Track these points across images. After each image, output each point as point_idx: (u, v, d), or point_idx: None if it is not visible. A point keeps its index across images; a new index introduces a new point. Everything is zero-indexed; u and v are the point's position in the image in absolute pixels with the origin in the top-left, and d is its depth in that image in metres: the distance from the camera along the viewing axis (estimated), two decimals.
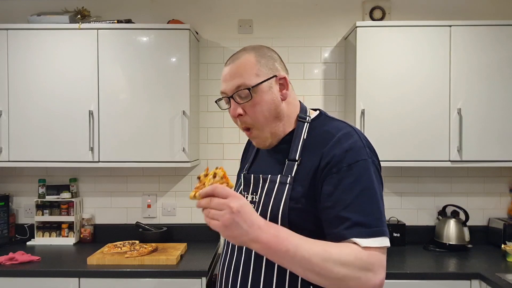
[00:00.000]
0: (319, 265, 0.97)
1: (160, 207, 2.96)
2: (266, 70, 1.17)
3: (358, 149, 1.09)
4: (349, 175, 1.06)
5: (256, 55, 1.18)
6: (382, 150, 2.53)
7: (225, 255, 1.26)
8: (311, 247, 0.98)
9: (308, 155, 1.14)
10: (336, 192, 1.05)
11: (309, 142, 1.16)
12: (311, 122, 1.22)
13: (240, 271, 1.17)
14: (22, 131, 2.58)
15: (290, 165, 1.15)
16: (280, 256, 0.98)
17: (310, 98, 2.92)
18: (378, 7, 2.87)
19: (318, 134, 1.17)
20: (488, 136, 2.53)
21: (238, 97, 1.15)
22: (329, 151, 1.09)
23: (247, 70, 1.15)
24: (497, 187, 2.91)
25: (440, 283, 2.23)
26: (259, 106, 1.15)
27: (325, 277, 0.98)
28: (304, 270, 0.99)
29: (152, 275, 2.28)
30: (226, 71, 1.19)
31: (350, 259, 0.98)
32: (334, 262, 0.97)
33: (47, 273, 2.28)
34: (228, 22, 2.95)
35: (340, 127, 1.16)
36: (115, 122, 2.58)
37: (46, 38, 2.58)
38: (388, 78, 2.55)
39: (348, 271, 0.97)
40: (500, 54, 2.53)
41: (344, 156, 1.07)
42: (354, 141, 1.10)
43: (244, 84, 1.14)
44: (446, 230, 2.68)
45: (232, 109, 1.17)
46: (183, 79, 2.58)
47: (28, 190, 2.95)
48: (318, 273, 0.98)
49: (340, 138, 1.11)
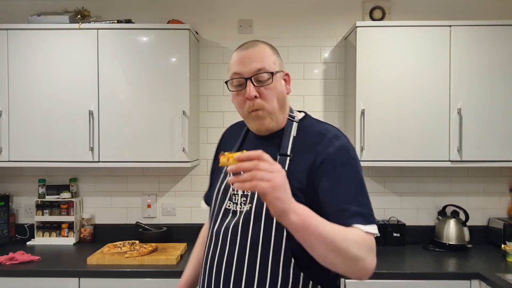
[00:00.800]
0: (340, 244, 1.02)
1: (160, 207, 2.96)
2: (279, 63, 1.27)
3: (348, 149, 1.20)
4: (344, 172, 1.16)
5: (270, 48, 1.27)
6: (382, 150, 2.55)
7: (214, 248, 1.26)
8: (333, 226, 1.04)
9: (300, 152, 1.21)
10: (334, 186, 1.14)
11: (300, 141, 1.24)
12: (299, 122, 1.30)
13: (234, 264, 1.19)
14: (22, 131, 2.58)
15: (282, 160, 1.21)
16: (310, 232, 1.00)
17: (310, 98, 2.92)
18: (378, 7, 2.87)
19: (309, 134, 1.25)
20: (488, 136, 2.53)
21: (256, 80, 1.21)
22: (323, 150, 1.18)
23: (267, 57, 1.23)
24: (497, 187, 2.91)
25: (440, 283, 2.23)
26: (274, 91, 1.22)
27: (342, 256, 1.03)
28: (327, 247, 1.01)
29: (152, 275, 2.28)
30: (243, 53, 1.23)
31: (360, 241, 1.06)
32: (351, 242, 1.04)
33: (47, 273, 2.28)
34: (228, 22, 2.95)
35: (328, 128, 1.26)
36: (115, 122, 2.58)
37: (46, 38, 2.58)
38: (388, 78, 2.55)
39: (360, 251, 1.05)
40: (500, 54, 2.53)
41: (337, 154, 1.17)
42: (343, 141, 1.21)
43: (265, 68, 1.21)
44: (446, 230, 2.68)
45: (250, 90, 1.20)
46: (183, 79, 2.58)
47: (28, 190, 2.96)
48: (338, 252, 1.02)
49: (331, 139, 1.20)
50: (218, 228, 1.26)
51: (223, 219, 1.26)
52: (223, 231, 1.24)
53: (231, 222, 1.23)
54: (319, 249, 1.03)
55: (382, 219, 2.87)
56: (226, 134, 1.47)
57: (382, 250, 2.64)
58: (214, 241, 1.27)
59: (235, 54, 1.26)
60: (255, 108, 1.22)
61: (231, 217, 1.25)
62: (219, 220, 1.27)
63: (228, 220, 1.25)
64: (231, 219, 1.24)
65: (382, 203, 2.92)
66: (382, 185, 2.92)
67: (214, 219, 1.30)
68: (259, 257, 1.16)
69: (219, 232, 1.25)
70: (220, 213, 1.28)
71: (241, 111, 1.27)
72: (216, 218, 1.29)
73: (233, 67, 1.24)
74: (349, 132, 2.73)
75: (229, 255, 1.20)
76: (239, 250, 1.19)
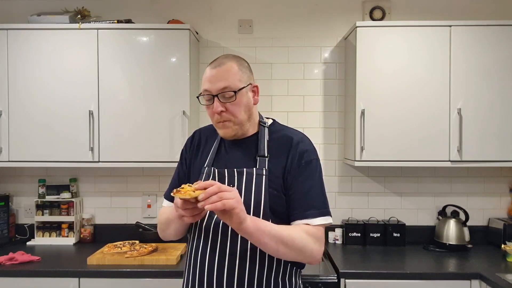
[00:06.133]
0: (287, 239, 1.27)
1: (160, 207, 2.95)
2: (245, 77, 1.41)
3: (311, 151, 1.43)
4: (306, 170, 1.39)
5: (238, 64, 1.41)
6: (382, 150, 2.55)
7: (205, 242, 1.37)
8: (279, 227, 1.29)
9: (275, 153, 1.41)
10: (296, 182, 1.37)
11: (272, 143, 1.44)
12: (269, 127, 1.49)
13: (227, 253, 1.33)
14: (22, 131, 2.58)
15: (262, 160, 1.40)
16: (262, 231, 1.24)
17: (310, 98, 2.92)
18: (378, 7, 2.87)
19: (279, 137, 1.45)
20: (488, 136, 2.53)
21: (222, 97, 1.37)
22: (293, 152, 1.40)
23: (232, 75, 1.38)
24: (497, 187, 2.91)
25: (440, 283, 2.23)
26: (238, 106, 1.39)
27: (290, 248, 1.28)
28: (276, 242, 1.26)
29: (152, 275, 2.28)
30: (212, 73, 1.39)
31: (306, 234, 1.31)
32: (297, 236, 1.29)
33: (47, 273, 2.28)
34: (228, 22, 2.96)
35: (295, 133, 1.47)
36: (115, 122, 2.58)
37: (46, 38, 2.58)
38: (388, 78, 2.55)
39: (305, 243, 1.30)
40: (500, 54, 2.53)
41: (302, 155, 1.40)
42: (308, 144, 1.44)
43: (230, 87, 1.37)
44: (446, 230, 2.68)
45: (216, 106, 1.38)
46: (183, 79, 2.58)
47: (28, 190, 2.96)
48: (286, 245, 1.27)
49: (298, 142, 1.42)
50: (207, 223, 1.38)
51: (211, 215, 1.38)
52: (213, 226, 1.37)
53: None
54: (271, 245, 1.26)
55: (382, 219, 2.87)
56: (200, 136, 1.59)
57: (382, 250, 2.64)
58: (203, 235, 1.38)
59: (206, 70, 1.41)
60: (222, 120, 1.40)
61: None
62: (206, 216, 1.39)
63: (216, 215, 1.34)
64: None
65: (382, 203, 2.92)
66: (382, 185, 2.92)
67: None
68: (249, 245, 1.32)
69: (209, 227, 1.37)
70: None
71: (212, 120, 1.45)
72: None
73: (204, 84, 1.40)
74: (349, 132, 2.73)
75: (222, 245, 1.35)
76: (230, 241, 1.34)
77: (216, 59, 1.43)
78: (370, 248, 2.70)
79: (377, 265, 2.38)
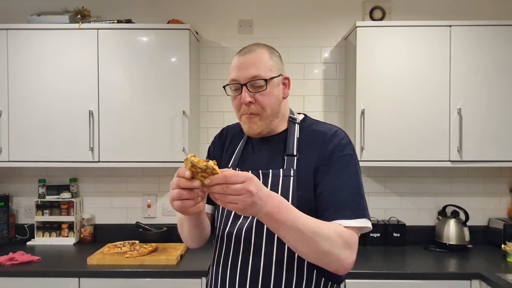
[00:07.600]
0: (309, 237, 1.07)
1: (160, 207, 2.96)
2: (276, 67, 1.29)
3: (345, 145, 1.26)
4: (336, 165, 1.22)
5: (269, 52, 1.29)
6: (382, 150, 2.55)
7: (227, 249, 1.27)
8: (305, 221, 1.09)
9: (305, 151, 1.27)
10: (325, 179, 1.21)
11: (303, 141, 1.29)
12: (300, 123, 1.35)
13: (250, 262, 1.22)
14: (22, 131, 2.58)
15: (290, 160, 1.26)
16: (278, 224, 1.06)
17: (310, 98, 2.92)
18: (378, 7, 2.87)
19: (311, 134, 1.31)
20: (488, 136, 2.53)
21: (251, 86, 1.25)
22: (325, 148, 1.25)
23: (263, 63, 1.25)
24: (497, 187, 2.91)
25: (440, 283, 2.23)
26: (269, 97, 1.26)
27: (312, 249, 1.09)
28: (295, 240, 1.08)
29: (152, 275, 2.28)
30: (240, 60, 1.27)
31: (335, 236, 1.10)
32: (322, 237, 1.08)
33: (47, 273, 2.28)
34: (228, 22, 2.95)
35: (328, 127, 1.32)
36: (115, 122, 2.58)
37: (46, 38, 2.58)
38: (388, 78, 2.54)
39: (331, 246, 1.09)
40: (500, 54, 2.53)
41: (334, 150, 1.24)
42: (341, 137, 1.27)
43: (260, 75, 1.24)
44: (446, 230, 2.68)
45: (244, 96, 1.25)
46: (183, 79, 2.58)
47: (28, 190, 2.95)
48: (307, 244, 1.08)
49: (331, 136, 1.27)
50: (229, 230, 1.28)
51: (235, 221, 1.28)
52: (236, 232, 1.26)
53: (244, 223, 1.25)
54: (288, 240, 1.09)
55: (382, 219, 2.87)
56: (227, 133, 1.47)
57: (383, 250, 2.64)
58: (226, 242, 1.28)
59: (234, 59, 1.29)
60: (249, 112, 1.27)
61: (243, 218, 1.26)
62: (230, 222, 1.29)
63: (240, 221, 1.26)
64: (244, 221, 1.26)
65: (382, 203, 2.92)
66: (383, 185, 2.92)
67: (224, 221, 1.31)
68: (274, 254, 1.20)
69: (231, 234, 1.27)
70: (231, 215, 1.29)
71: (237, 113, 1.32)
72: (226, 220, 1.30)
73: (231, 73, 1.28)
74: (349, 132, 2.73)
75: (245, 253, 1.23)
76: (254, 249, 1.22)
77: (245, 47, 1.30)
78: (370, 248, 2.70)
79: (377, 265, 2.38)
